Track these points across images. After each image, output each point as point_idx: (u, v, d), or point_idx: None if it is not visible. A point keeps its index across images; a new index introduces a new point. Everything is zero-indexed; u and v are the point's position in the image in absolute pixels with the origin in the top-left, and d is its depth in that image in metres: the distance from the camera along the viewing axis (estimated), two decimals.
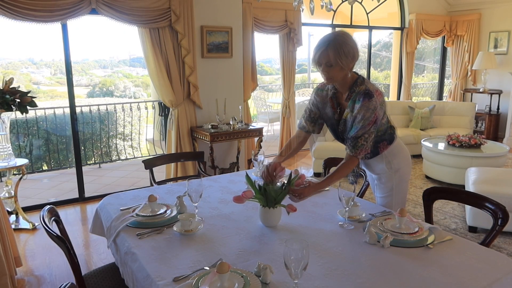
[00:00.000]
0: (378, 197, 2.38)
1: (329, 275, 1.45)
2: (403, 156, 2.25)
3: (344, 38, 1.94)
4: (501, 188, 3.49)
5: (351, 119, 2.02)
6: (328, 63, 1.93)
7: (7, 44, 11.09)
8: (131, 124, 6.74)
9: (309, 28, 8.85)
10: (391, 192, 2.26)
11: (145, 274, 1.50)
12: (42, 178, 5.70)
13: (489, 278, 1.44)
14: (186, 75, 4.63)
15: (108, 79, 13.96)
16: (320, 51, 1.94)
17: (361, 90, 1.98)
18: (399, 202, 2.27)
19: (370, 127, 1.98)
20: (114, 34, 13.52)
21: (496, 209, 1.87)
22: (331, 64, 1.93)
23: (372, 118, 1.96)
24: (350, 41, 1.94)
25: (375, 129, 2.02)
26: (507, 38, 7.19)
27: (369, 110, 1.94)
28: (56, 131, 6.01)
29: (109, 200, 2.25)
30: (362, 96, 1.96)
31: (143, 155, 6.66)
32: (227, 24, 4.89)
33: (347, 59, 1.93)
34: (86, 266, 3.11)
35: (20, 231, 3.72)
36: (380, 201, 2.34)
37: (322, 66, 1.97)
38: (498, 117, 7.34)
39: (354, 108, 1.99)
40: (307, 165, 5.98)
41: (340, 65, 1.92)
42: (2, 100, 3.40)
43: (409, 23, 7.31)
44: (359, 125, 1.97)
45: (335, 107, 2.15)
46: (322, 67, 1.97)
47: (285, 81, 6.09)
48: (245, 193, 1.80)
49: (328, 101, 2.18)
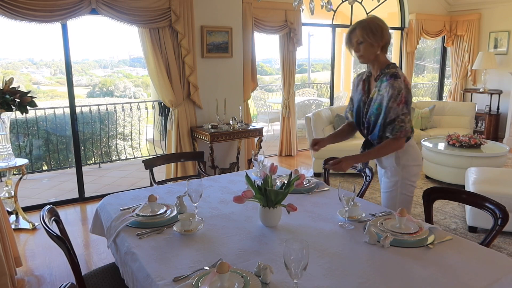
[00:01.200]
0: (382, 193, 2.39)
1: (329, 275, 1.45)
2: (413, 154, 2.29)
3: (372, 18, 2.18)
4: (501, 188, 3.49)
5: (377, 98, 2.15)
6: (358, 40, 2.13)
7: (7, 44, 11.09)
8: (131, 124, 6.74)
9: (309, 28, 8.86)
10: (395, 188, 2.28)
11: (145, 274, 1.50)
12: (42, 178, 5.70)
13: (489, 278, 1.44)
14: (186, 75, 4.63)
15: (108, 79, 13.97)
16: (350, 31, 2.16)
17: (390, 72, 2.13)
18: (402, 201, 2.27)
19: (401, 107, 2.08)
20: (114, 34, 13.52)
21: (496, 209, 1.87)
22: (361, 41, 2.12)
23: (400, 98, 2.07)
24: (378, 21, 2.15)
25: (408, 110, 2.10)
26: (507, 38, 7.19)
27: (395, 88, 2.06)
28: (56, 131, 6.01)
29: (109, 200, 2.25)
30: (388, 76, 2.12)
31: (143, 155, 6.66)
32: (227, 24, 4.90)
33: (375, 36, 2.11)
34: (86, 266, 3.11)
35: (20, 231, 3.72)
36: (384, 197, 2.36)
37: (354, 47, 2.17)
38: (498, 117, 7.34)
39: (381, 87, 2.13)
40: (307, 165, 5.98)
41: (368, 41, 2.10)
42: (2, 100, 3.40)
43: (409, 23, 7.31)
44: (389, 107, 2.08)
45: (365, 89, 2.29)
46: (354, 47, 2.17)
47: (285, 81, 6.10)
48: (245, 193, 1.80)
49: (360, 84, 2.33)
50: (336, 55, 7.77)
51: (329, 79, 7.35)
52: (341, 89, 10.13)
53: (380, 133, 2.18)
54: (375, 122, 2.19)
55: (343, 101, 8.72)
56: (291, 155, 6.44)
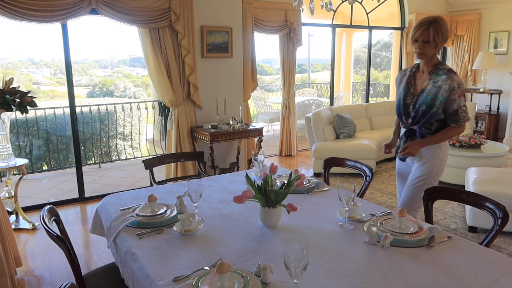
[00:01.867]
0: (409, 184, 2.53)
1: (329, 275, 1.45)
2: (445, 149, 2.50)
3: (443, 21, 2.31)
4: (501, 188, 3.49)
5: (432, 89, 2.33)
6: (426, 39, 2.27)
7: (7, 44, 11.10)
8: (131, 124, 6.74)
9: (309, 28, 8.86)
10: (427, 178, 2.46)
11: (145, 274, 1.50)
12: (42, 178, 5.70)
13: (489, 278, 1.44)
14: (186, 75, 4.63)
15: (108, 79, 13.97)
16: (422, 29, 2.28)
17: (445, 67, 2.36)
18: None
19: (462, 99, 2.30)
20: (114, 34, 13.53)
21: (496, 209, 1.87)
22: (428, 41, 2.27)
23: (460, 91, 2.28)
24: (447, 25, 2.31)
25: (465, 102, 2.33)
26: (507, 38, 7.19)
27: (455, 82, 2.28)
28: (56, 131, 6.01)
29: (109, 200, 2.25)
30: (446, 70, 2.33)
31: (143, 155, 6.66)
32: (227, 24, 4.90)
33: (442, 38, 2.28)
34: (86, 266, 3.11)
35: (20, 231, 3.72)
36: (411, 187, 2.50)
37: (418, 43, 2.30)
38: (498, 117, 7.34)
39: (437, 80, 2.33)
40: (307, 165, 5.99)
41: (436, 42, 2.27)
42: (2, 100, 3.40)
43: (409, 23, 7.30)
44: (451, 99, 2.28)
45: (411, 82, 2.49)
46: (418, 43, 2.30)
47: (285, 81, 6.10)
48: (245, 193, 1.80)
49: (405, 79, 2.52)
50: (336, 55, 7.78)
51: (329, 79, 7.35)
52: (341, 89, 10.13)
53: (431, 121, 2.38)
54: (426, 111, 2.36)
55: (343, 101, 8.72)
56: (291, 155, 6.44)
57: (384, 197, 4.53)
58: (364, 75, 8.31)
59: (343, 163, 2.74)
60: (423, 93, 2.38)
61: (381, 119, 6.31)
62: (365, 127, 6.11)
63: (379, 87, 11.02)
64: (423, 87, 2.39)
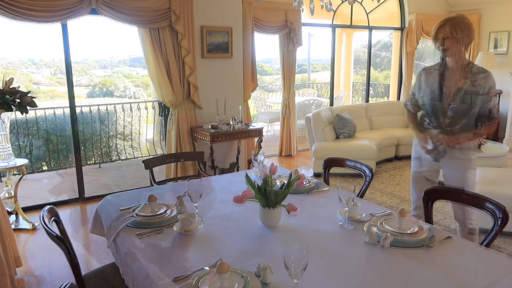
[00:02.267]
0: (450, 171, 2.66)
1: (329, 275, 1.45)
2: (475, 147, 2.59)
3: (463, 17, 2.38)
4: (501, 188, 3.48)
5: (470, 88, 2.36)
6: (445, 35, 2.34)
7: (7, 44, 11.09)
8: (131, 124, 6.73)
9: (309, 28, 8.85)
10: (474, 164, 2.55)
11: (145, 274, 1.50)
12: (42, 178, 5.70)
13: (489, 278, 1.44)
14: (186, 75, 4.63)
15: (108, 79, 13.97)
16: (439, 26, 2.37)
17: (480, 66, 2.41)
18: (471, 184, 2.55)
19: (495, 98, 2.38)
20: (114, 34, 13.50)
21: (496, 209, 1.87)
22: (447, 36, 2.34)
23: (494, 90, 2.36)
24: (466, 20, 2.37)
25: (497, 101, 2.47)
26: (507, 38, 7.19)
27: (492, 80, 2.35)
28: (56, 131, 6.01)
29: (109, 200, 2.26)
30: (482, 69, 2.39)
31: (143, 155, 6.65)
32: (227, 24, 4.90)
33: (462, 33, 2.33)
34: (86, 266, 3.11)
35: (20, 231, 3.72)
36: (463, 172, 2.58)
37: (439, 41, 2.38)
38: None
39: (475, 79, 2.36)
40: (307, 165, 5.98)
41: (455, 36, 2.32)
42: (2, 100, 3.40)
43: (409, 23, 7.31)
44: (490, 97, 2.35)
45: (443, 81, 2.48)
46: (439, 41, 2.38)
47: (285, 81, 6.10)
48: (245, 193, 1.80)
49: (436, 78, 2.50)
50: (336, 55, 7.78)
51: (329, 79, 7.35)
52: (341, 89, 10.13)
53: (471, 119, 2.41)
54: (468, 110, 2.38)
55: (343, 101, 8.72)
56: (291, 155, 6.44)
57: (384, 197, 4.53)
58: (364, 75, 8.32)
59: (343, 163, 2.74)
60: (460, 92, 2.38)
61: (381, 119, 6.31)
62: (365, 127, 6.11)
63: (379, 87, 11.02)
64: (460, 86, 2.38)
